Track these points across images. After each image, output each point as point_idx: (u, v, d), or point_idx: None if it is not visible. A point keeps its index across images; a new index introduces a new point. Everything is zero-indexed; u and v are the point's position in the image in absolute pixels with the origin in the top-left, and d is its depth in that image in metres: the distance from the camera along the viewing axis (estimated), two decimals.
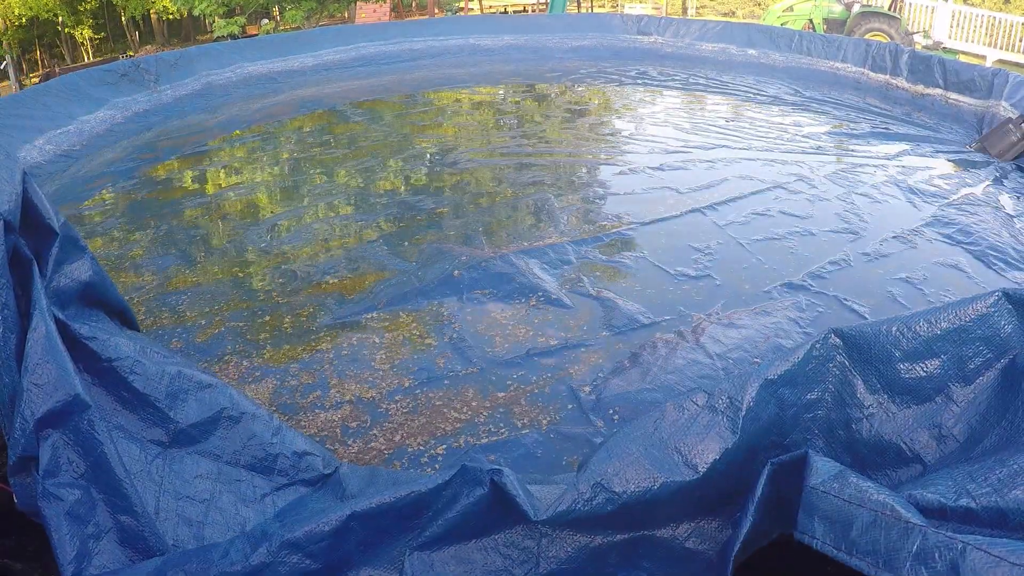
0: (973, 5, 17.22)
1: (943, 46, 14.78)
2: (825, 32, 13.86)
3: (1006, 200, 5.46)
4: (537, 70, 11.03)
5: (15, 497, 1.82)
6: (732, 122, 7.74)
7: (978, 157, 6.58)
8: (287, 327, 3.70)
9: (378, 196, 5.66)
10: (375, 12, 17.23)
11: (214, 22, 17.28)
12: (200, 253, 4.69)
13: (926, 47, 13.31)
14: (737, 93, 9.23)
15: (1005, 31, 15.32)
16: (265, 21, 19.79)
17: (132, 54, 21.38)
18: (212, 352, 3.48)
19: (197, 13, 17.90)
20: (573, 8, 20.59)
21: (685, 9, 22.56)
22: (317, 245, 4.73)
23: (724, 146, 6.77)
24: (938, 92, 8.67)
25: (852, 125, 7.70)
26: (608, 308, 3.81)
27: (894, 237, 4.74)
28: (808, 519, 1.53)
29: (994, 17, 15.64)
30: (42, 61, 24.11)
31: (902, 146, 6.89)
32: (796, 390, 1.89)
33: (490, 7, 21.63)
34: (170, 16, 23.06)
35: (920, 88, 8.95)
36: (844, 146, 6.95)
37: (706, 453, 1.76)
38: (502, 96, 9.55)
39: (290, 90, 9.95)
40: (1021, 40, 15.09)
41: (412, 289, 4.03)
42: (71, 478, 1.79)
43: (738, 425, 1.77)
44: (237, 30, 16.40)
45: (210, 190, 6.08)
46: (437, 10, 22.57)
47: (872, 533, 1.39)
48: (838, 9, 14.47)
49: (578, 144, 7.05)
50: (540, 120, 8.19)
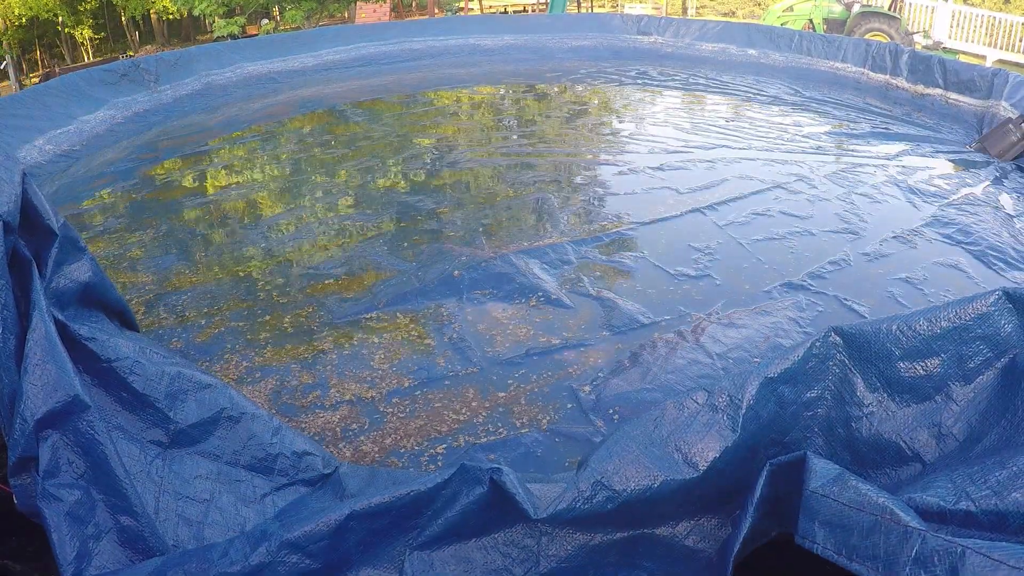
0: (973, 5, 17.21)
1: (943, 46, 14.78)
2: (825, 32, 13.86)
3: (1006, 200, 5.46)
4: (537, 70, 11.03)
5: (15, 498, 1.82)
6: (732, 122, 7.74)
7: (978, 157, 6.58)
8: (287, 327, 3.70)
9: (378, 196, 5.66)
10: (375, 12, 17.23)
11: (214, 22, 17.28)
12: (200, 253, 4.69)
13: (926, 47, 13.31)
14: (737, 93, 9.23)
15: (1005, 31, 15.32)
16: (265, 21, 19.79)
17: (132, 54, 21.39)
18: (212, 352, 3.48)
19: (197, 13, 17.90)
20: (573, 8, 20.59)
21: (685, 9, 22.56)
22: (317, 245, 4.73)
23: (724, 146, 6.77)
24: (938, 92, 8.67)
25: (852, 125, 7.70)
26: (608, 308, 3.81)
27: (894, 237, 4.74)
28: (809, 524, 1.52)
29: (994, 17, 15.64)
30: (42, 61, 24.11)
31: (902, 146, 6.89)
32: (796, 388, 1.88)
33: (490, 7, 21.62)
34: (170, 16, 23.06)
35: (920, 88, 8.95)
36: (844, 146, 6.95)
37: (706, 451, 1.75)
38: (502, 96, 9.55)
39: (290, 90, 9.94)
40: (1021, 40, 15.08)
41: (412, 289, 4.03)
42: (71, 479, 1.79)
43: (738, 423, 1.77)
44: (237, 30, 16.40)
45: (210, 190, 6.07)
46: (437, 10, 22.57)
47: (872, 538, 1.39)
48: (838, 9, 14.47)
49: (578, 144, 7.05)
50: (540, 120, 8.19)
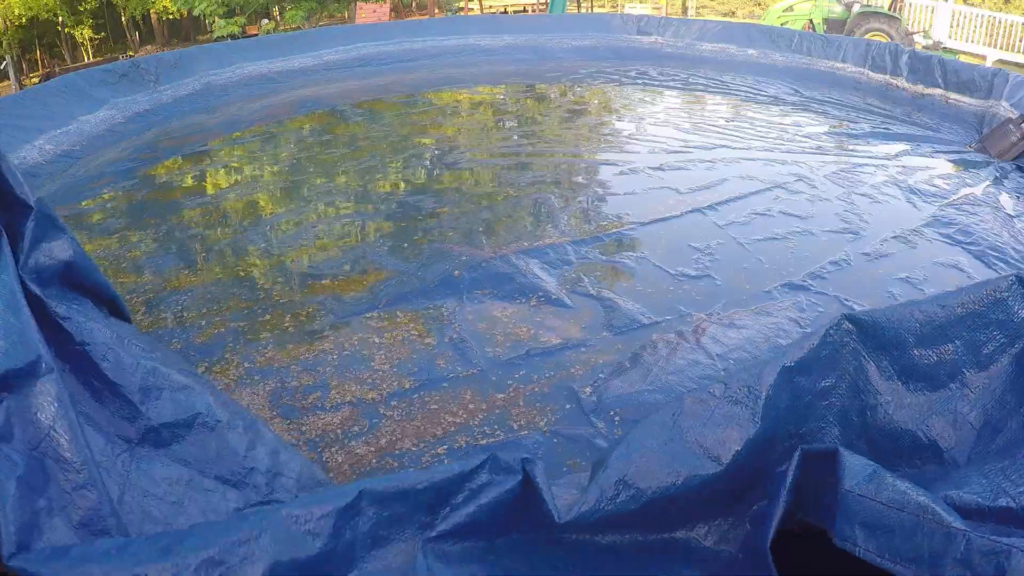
0: (973, 5, 17.21)
1: (943, 46, 14.79)
2: (825, 32, 13.85)
3: (1006, 200, 5.46)
4: (537, 70, 11.03)
5: None
6: (732, 122, 7.74)
7: (978, 157, 6.58)
8: (287, 327, 3.70)
9: (378, 196, 5.66)
10: (375, 12, 17.22)
11: (214, 22, 17.28)
12: (200, 253, 4.69)
13: (926, 47, 13.31)
14: (737, 93, 9.23)
15: (1005, 31, 15.33)
16: (265, 21, 19.77)
17: (132, 54, 21.38)
18: (212, 352, 3.48)
19: (197, 13, 17.89)
20: (573, 8, 20.59)
21: (685, 9, 22.55)
22: (317, 245, 4.72)
23: (724, 146, 6.77)
24: (938, 92, 8.67)
25: (852, 125, 7.70)
26: (608, 308, 3.81)
27: (894, 237, 4.74)
28: (848, 525, 1.48)
29: (994, 17, 15.64)
30: (42, 61, 24.10)
31: (902, 146, 6.89)
32: (811, 377, 1.85)
33: (490, 7, 21.62)
34: (170, 16, 23.06)
35: (920, 88, 8.95)
36: (844, 146, 6.95)
37: (729, 444, 1.70)
38: (502, 96, 9.55)
39: (290, 90, 9.94)
40: (1021, 40, 15.09)
41: (412, 289, 4.03)
42: (25, 447, 1.66)
43: (758, 414, 1.73)
44: (237, 30, 16.40)
45: (210, 190, 6.07)
46: (437, 10, 22.57)
47: (915, 539, 1.36)
48: (838, 9, 14.47)
49: (578, 144, 7.05)
50: (540, 120, 8.19)
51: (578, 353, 3.42)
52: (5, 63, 19.37)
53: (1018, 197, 5.54)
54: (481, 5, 21.70)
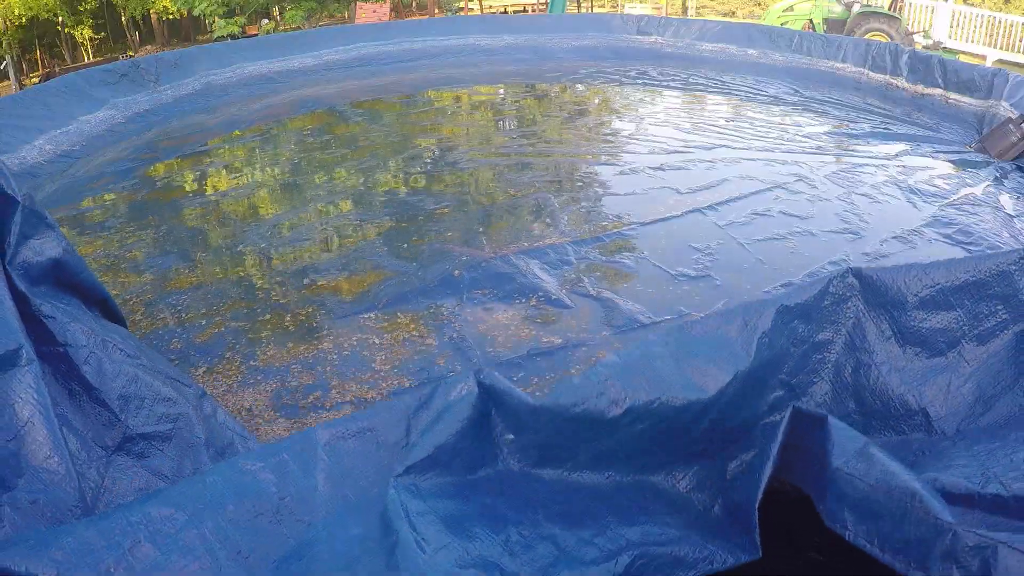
0: (973, 5, 17.22)
1: (943, 46, 14.79)
2: (825, 32, 13.86)
3: (1006, 200, 5.46)
4: (537, 70, 11.03)
5: None
6: (732, 122, 7.74)
7: (978, 157, 6.58)
8: (287, 327, 3.70)
9: (378, 196, 5.66)
10: (375, 12, 17.22)
11: (214, 22, 17.29)
12: (200, 253, 4.69)
13: (926, 47, 13.31)
14: (737, 93, 9.22)
15: (1005, 31, 15.33)
16: (265, 21, 19.78)
17: (132, 54, 21.39)
18: (212, 352, 3.48)
19: (197, 13, 17.89)
20: (573, 8, 20.59)
21: (685, 9, 22.56)
22: (317, 245, 4.73)
23: (724, 146, 6.77)
24: (938, 92, 8.67)
25: (852, 125, 7.70)
26: (608, 308, 3.81)
27: (894, 237, 4.74)
28: (838, 506, 1.45)
29: (994, 17, 15.65)
30: (42, 61, 24.10)
31: (902, 146, 6.89)
32: (809, 326, 1.82)
33: (490, 7, 21.62)
34: (170, 16, 23.06)
35: (920, 88, 8.95)
36: (844, 146, 6.95)
37: (719, 374, 1.65)
38: (502, 96, 9.55)
39: (290, 90, 9.94)
40: (1021, 40, 15.09)
41: (412, 289, 4.03)
42: (2, 440, 1.65)
43: (751, 348, 1.69)
44: (237, 30, 16.40)
45: (210, 190, 6.07)
46: (437, 10, 22.58)
47: (904, 528, 1.34)
48: (838, 9, 14.48)
49: (578, 144, 7.05)
50: (540, 120, 8.19)
51: (578, 353, 3.42)
52: (5, 63, 19.38)
53: (1018, 197, 5.54)
54: (481, 5, 21.70)
